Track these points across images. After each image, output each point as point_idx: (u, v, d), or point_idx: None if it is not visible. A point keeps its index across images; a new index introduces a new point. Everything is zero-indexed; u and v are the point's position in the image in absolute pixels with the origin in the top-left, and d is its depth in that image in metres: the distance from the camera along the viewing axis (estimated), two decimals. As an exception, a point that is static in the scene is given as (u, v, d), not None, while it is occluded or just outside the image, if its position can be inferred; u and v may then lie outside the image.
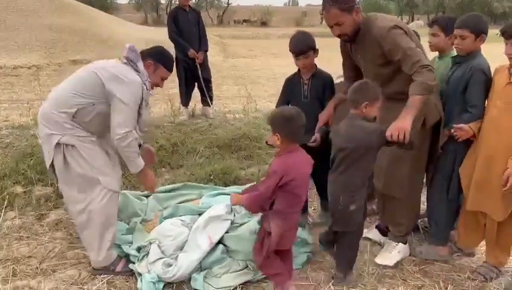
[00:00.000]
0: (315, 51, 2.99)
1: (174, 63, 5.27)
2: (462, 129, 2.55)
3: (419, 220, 3.19)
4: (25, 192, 3.56)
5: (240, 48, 17.55)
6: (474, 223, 2.69)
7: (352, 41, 2.69)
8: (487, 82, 2.56)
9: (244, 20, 52.44)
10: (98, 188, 2.59)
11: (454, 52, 2.88)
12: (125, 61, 2.62)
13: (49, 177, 3.62)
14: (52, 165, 2.62)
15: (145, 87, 2.62)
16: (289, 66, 2.17)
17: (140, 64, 2.65)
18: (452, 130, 2.59)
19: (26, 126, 4.61)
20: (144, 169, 2.71)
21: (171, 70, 2.81)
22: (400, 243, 2.85)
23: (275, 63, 13.23)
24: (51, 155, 2.58)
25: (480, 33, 2.56)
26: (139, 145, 2.77)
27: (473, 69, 2.55)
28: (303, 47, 2.94)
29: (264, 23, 48.12)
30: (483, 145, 2.52)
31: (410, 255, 2.92)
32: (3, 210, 3.36)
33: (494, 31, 3.81)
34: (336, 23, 2.55)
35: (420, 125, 2.58)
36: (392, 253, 2.83)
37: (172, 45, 5.15)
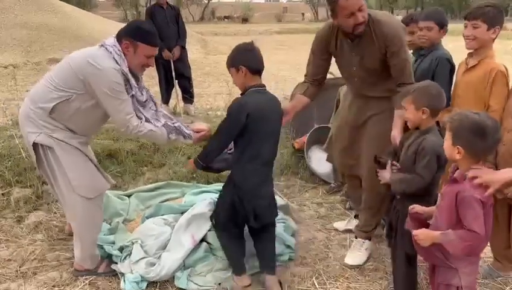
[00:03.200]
0: None
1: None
2: None
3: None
4: (3, 194, 3.49)
5: (221, 44, 17.46)
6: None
7: (356, 36, 2.49)
8: (452, 70, 2.76)
9: (225, 17, 52.19)
10: (74, 194, 2.53)
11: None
12: (100, 49, 2.39)
13: (28, 179, 3.57)
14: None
15: (122, 75, 2.38)
16: (270, 63, 2.19)
17: (108, 42, 2.40)
18: None
19: (3, 127, 4.51)
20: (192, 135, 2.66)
21: (154, 44, 2.45)
22: (367, 241, 2.86)
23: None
24: (33, 153, 2.52)
25: (443, 25, 2.80)
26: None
27: (439, 59, 2.75)
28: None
29: (245, 20, 47.97)
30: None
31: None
32: (-19, 213, 3.29)
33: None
34: (360, 8, 2.34)
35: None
36: (361, 251, 2.84)
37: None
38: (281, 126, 2.49)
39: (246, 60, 2.32)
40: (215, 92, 8.23)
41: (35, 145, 2.48)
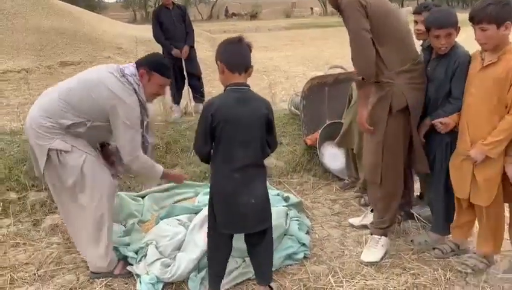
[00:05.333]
0: None
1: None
2: (443, 122, 2.57)
3: (412, 210, 3.20)
4: (19, 198, 3.53)
5: (231, 42, 17.46)
6: (465, 214, 2.68)
7: None
8: None
9: (233, 14, 52.09)
10: (89, 193, 2.56)
11: None
12: (121, 80, 2.52)
13: (43, 182, 3.59)
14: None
15: (141, 94, 2.57)
16: (279, 58, 2.13)
17: (129, 71, 2.56)
18: (434, 123, 2.61)
19: (18, 132, 4.55)
20: (164, 173, 2.79)
21: (167, 76, 2.67)
22: (383, 237, 2.82)
23: (265, 56, 13.14)
24: (42, 161, 2.54)
25: (458, 27, 2.59)
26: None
27: (458, 61, 2.53)
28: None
29: (253, 16, 47.81)
30: (462, 132, 2.53)
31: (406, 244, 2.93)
32: (-3, 217, 3.34)
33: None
34: None
35: (383, 109, 2.60)
36: (377, 248, 2.79)
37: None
38: (260, 130, 2.20)
39: (225, 56, 2.17)
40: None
41: (49, 151, 2.50)
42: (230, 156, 2.17)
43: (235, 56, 2.17)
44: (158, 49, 4.95)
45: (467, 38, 3.10)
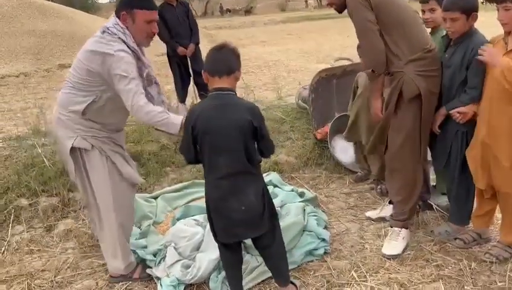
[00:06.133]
0: None
1: (167, 60, 5.18)
2: (461, 112, 2.52)
3: (432, 201, 3.17)
4: (30, 204, 3.48)
5: (228, 38, 17.37)
6: (486, 203, 2.65)
7: None
8: None
9: (228, 10, 51.86)
10: (110, 195, 2.52)
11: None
12: (102, 36, 2.30)
13: (54, 187, 3.55)
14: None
15: (132, 52, 2.32)
16: (279, 53, 2.07)
17: (110, 23, 2.32)
18: (452, 113, 2.56)
19: (24, 137, 4.51)
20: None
21: (151, 8, 2.37)
22: (403, 229, 2.78)
23: (264, 51, 13.09)
24: (69, 160, 2.49)
25: (471, 12, 2.45)
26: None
27: (475, 50, 2.43)
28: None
29: (248, 12, 47.59)
30: (483, 121, 2.48)
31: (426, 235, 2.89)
32: (10, 225, 3.29)
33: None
34: None
35: (395, 98, 2.59)
36: (398, 241, 2.76)
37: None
38: (241, 139, 2.05)
39: (206, 63, 2.14)
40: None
41: (72, 150, 2.45)
42: (214, 164, 2.11)
43: (215, 61, 2.12)
44: (156, 46, 4.89)
45: (483, 25, 3.03)
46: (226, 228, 2.16)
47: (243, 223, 2.13)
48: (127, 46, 2.31)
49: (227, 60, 2.11)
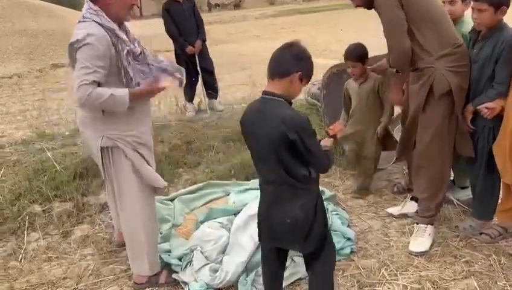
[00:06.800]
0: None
1: (174, 58, 5.09)
2: (489, 107, 2.49)
3: (452, 196, 3.17)
4: (44, 210, 3.40)
5: (220, 33, 17.23)
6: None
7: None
8: None
9: (217, 5, 51.51)
10: (135, 194, 2.47)
11: (467, 18, 2.84)
12: (78, 25, 2.23)
13: (67, 192, 3.48)
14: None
15: (112, 35, 2.22)
16: (275, 47, 1.97)
17: (89, 11, 2.22)
18: (479, 109, 2.53)
19: (29, 140, 4.41)
20: (132, 95, 2.25)
21: None
22: (429, 225, 2.77)
23: (259, 46, 13.02)
24: (98, 160, 2.43)
25: (500, 5, 2.40)
26: None
27: (505, 43, 2.41)
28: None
29: (237, 6, 47.29)
30: (510, 117, 2.46)
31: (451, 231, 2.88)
32: (25, 232, 3.22)
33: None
34: None
35: (425, 94, 2.57)
36: (424, 237, 2.74)
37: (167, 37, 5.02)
38: (275, 152, 1.87)
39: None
40: (229, 83, 8.08)
41: (102, 150, 2.39)
42: (259, 168, 2.04)
43: (270, 60, 1.93)
44: (161, 42, 4.80)
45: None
46: (270, 235, 2.06)
47: (286, 234, 1.98)
48: (102, 26, 2.21)
49: (281, 60, 1.90)
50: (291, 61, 1.89)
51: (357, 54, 3.21)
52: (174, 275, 2.63)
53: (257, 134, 1.92)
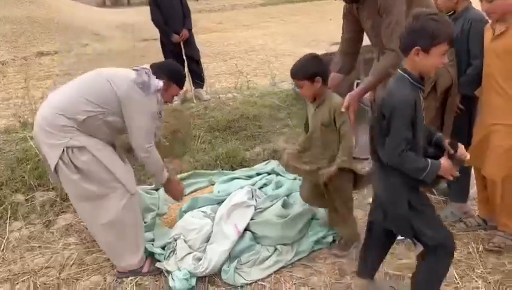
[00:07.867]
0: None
1: (161, 48, 5.03)
2: None
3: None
4: (26, 199, 3.37)
5: (208, 22, 17.06)
6: (486, 191, 2.67)
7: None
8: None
9: (206, -7, 51.00)
10: (118, 192, 2.47)
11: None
12: (140, 86, 2.45)
13: (52, 181, 3.44)
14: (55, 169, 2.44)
15: (159, 98, 2.54)
16: (265, 37, 1.99)
17: (154, 82, 2.48)
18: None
19: (12, 129, 4.35)
20: (168, 181, 2.71)
21: (182, 87, 2.74)
22: None
23: (249, 35, 12.91)
24: (54, 160, 2.40)
25: None
26: None
27: (471, 20, 2.60)
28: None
29: (226, -6, 46.86)
30: (483, 103, 2.54)
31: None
32: (7, 221, 3.19)
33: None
34: None
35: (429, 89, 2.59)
36: None
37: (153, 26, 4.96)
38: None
39: None
40: (216, 72, 8.04)
41: (66, 150, 2.38)
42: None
43: None
44: (142, 30, 4.73)
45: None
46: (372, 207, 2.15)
47: (378, 209, 2.05)
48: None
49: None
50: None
51: (305, 71, 2.41)
52: (157, 264, 2.64)
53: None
